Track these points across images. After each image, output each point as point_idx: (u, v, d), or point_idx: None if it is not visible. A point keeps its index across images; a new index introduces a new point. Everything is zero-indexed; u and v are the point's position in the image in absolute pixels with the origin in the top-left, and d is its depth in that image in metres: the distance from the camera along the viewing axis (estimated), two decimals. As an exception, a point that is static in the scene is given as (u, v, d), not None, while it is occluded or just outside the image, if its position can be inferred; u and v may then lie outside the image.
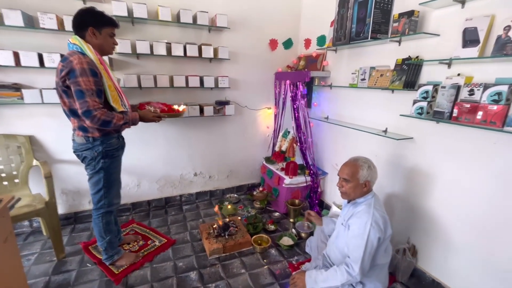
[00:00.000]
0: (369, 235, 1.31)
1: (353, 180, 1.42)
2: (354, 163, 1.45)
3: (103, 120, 1.41)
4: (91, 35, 1.47)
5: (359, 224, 1.35)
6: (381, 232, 1.33)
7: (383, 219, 1.36)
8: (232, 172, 3.01)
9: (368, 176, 1.41)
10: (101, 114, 1.41)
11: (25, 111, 2.04)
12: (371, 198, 1.43)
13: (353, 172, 1.42)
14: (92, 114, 1.39)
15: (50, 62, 1.90)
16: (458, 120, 1.40)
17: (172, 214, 2.60)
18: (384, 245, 1.41)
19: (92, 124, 1.43)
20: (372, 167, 1.44)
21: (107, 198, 1.67)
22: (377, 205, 1.42)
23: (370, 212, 1.36)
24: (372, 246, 1.32)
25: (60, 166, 2.25)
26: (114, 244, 1.81)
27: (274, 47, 2.81)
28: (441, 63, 1.52)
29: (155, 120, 1.73)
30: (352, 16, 1.94)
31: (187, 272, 1.83)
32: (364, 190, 1.43)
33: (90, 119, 1.40)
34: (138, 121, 1.64)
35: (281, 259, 1.99)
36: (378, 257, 1.41)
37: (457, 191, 1.55)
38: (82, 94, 1.37)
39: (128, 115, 1.57)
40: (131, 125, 1.60)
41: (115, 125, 1.48)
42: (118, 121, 1.48)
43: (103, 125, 1.44)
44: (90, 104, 1.38)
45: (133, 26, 2.21)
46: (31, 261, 1.88)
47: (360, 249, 1.31)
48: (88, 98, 1.38)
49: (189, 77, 2.36)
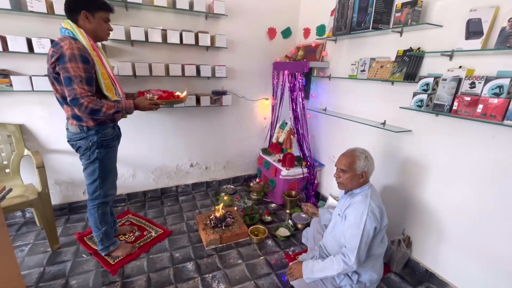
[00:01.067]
0: (366, 225, 1.32)
1: (350, 171, 1.43)
2: (351, 154, 1.46)
3: (91, 108, 1.34)
4: (84, 19, 1.40)
5: (356, 214, 1.37)
6: (377, 222, 1.35)
7: (380, 209, 1.38)
8: (229, 163, 2.99)
9: (365, 167, 1.42)
10: (89, 102, 1.33)
11: (15, 98, 1.97)
12: (368, 189, 1.45)
13: (350, 162, 1.43)
14: (79, 102, 1.32)
15: (39, 48, 1.82)
16: (458, 113, 1.40)
17: (168, 205, 2.59)
18: (380, 235, 1.43)
19: (80, 113, 1.38)
20: (369, 158, 1.44)
21: (102, 189, 1.64)
22: (374, 195, 1.43)
23: (366, 203, 1.37)
24: (368, 236, 1.34)
25: (52, 156, 2.19)
26: (110, 235, 1.80)
27: (272, 36, 2.75)
28: (442, 55, 1.50)
29: (152, 108, 1.61)
30: (354, 5, 1.90)
31: (183, 263, 1.83)
32: (361, 180, 1.44)
33: (77, 107, 1.34)
34: (133, 110, 1.54)
35: (277, 249, 2.01)
36: (374, 247, 1.43)
37: (453, 183, 1.56)
38: (70, 81, 1.31)
39: (121, 104, 1.49)
40: (125, 113, 1.52)
41: (105, 114, 1.40)
42: (108, 109, 1.40)
43: (91, 114, 1.37)
44: (78, 92, 1.31)
45: (127, 11, 2.12)
46: (25, 252, 1.85)
47: (356, 239, 1.33)
48: (76, 85, 1.31)
49: (185, 66, 2.30)
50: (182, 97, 1.82)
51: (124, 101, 1.53)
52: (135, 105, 1.55)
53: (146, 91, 1.74)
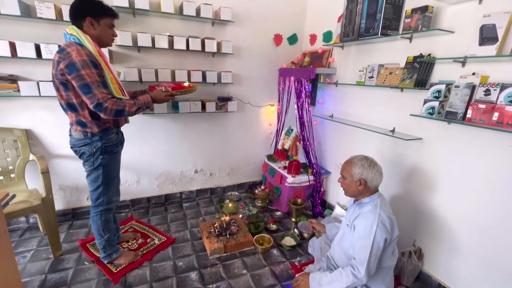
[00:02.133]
0: (375, 236, 1.28)
1: (348, 177, 1.43)
2: (350, 160, 1.46)
3: (115, 110, 1.36)
4: (89, 26, 1.40)
5: (365, 225, 1.32)
6: (388, 233, 1.30)
7: (390, 220, 1.33)
8: (233, 169, 2.96)
9: (361, 174, 1.38)
10: (112, 104, 1.35)
11: (22, 103, 1.98)
12: (377, 199, 1.40)
13: (347, 169, 1.44)
14: (103, 107, 1.33)
15: (47, 53, 1.83)
16: (472, 121, 1.35)
17: (172, 211, 2.55)
18: (391, 246, 1.37)
19: (106, 116, 1.38)
20: (368, 167, 1.39)
21: (106, 196, 1.62)
22: (384, 205, 1.38)
23: (376, 213, 1.32)
24: (379, 247, 1.29)
25: (57, 161, 2.19)
26: (112, 242, 1.77)
27: (278, 42, 2.74)
28: (455, 61, 1.46)
29: (168, 99, 1.64)
30: (362, 11, 1.87)
31: (187, 272, 1.79)
32: (359, 188, 1.40)
33: (103, 112, 1.35)
34: (152, 104, 1.56)
35: (283, 259, 1.95)
36: (385, 260, 1.38)
37: (467, 194, 1.50)
38: (89, 87, 1.31)
39: (139, 100, 1.49)
40: (145, 109, 1.52)
41: (128, 113, 1.42)
42: (130, 107, 1.43)
43: (117, 115, 1.39)
44: (100, 97, 1.32)
45: (134, 17, 2.13)
46: (27, 258, 1.83)
47: (366, 250, 1.28)
48: (96, 91, 1.32)
49: (192, 72, 2.30)
50: (192, 86, 1.83)
51: (141, 96, 1.53)
52: (152, 98, 1.56)
53: (157, 85, 1.75)
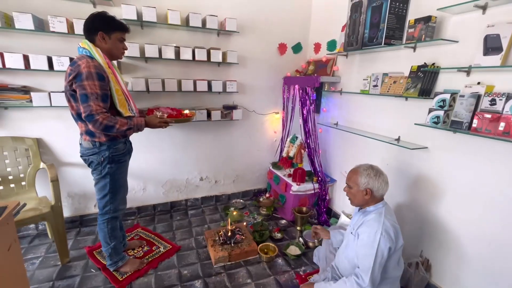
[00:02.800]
0: (379, 244, 1.27)
1: (354, 186, 1.43)
2: (355, 170, 1.46)
3: (105, 124, 1.39)
4: (100, 40, 1.46)
5: (369, 233, 1.31)
6: (392, 242, 1.29)
7: (394, 229, 1.32)
8: (238, 177, 2.97)
9: (367, 184, 1.38)
10: (103, 118, 1.38)
11: (34, 114, 2.04)
12: (382, 207, 1.40)
13: (354, 178, 1.43)
14: (94, 118, 1.37)
15: (59, 66, 1.90)
16: (478, 131, 1.34)
17: (178, 219, 2.57)
18: (396, 256, 1.36)
19: (95, 129, 1.41)
20: (374, 176, 1.38)
21: (113, 204, 1.65)
22: (388, 214, 1.37)
23: (380, 221, 1.32)
24: (383, 256, 1.28)
25: (67, 169, 2.24)
26: (119, 250, 1.79)
27: (283, 51, 2.78)
28: (459, 71, 1.46)
29: (161, 126, 1.67)
30: (365, 21, 1.89)
31: (191, 281, 1.79)
32: (366, 197, 1.39)
33: (92, 123, 1.38)
34: (144, 127, 1.59)
35: (288, 269, 1.94)
36: (390, 270, 1.36)
37: (474, 205, 1.48)
38: (87, 98, 1.36)
39: (133, 121, 1.53)
40: (136, 131, 1.56)
41: (118, 130, 1.45)
42: (121, 126, 1.45)
43: (105, 130, 1.42)
44: (93, 108, 1.36)
45: (142, 29, 2.20)
46: (36, 265, 1.87)
47: (370, 259, 1.27)
48: (92, 102, 1.36)
49: (197, 81, 2.34)
50: (190, 115, 1.87)
51: (136, 118, 1.57)
52: (146, 122, 1.60)
53: (155, 109, 1.79)
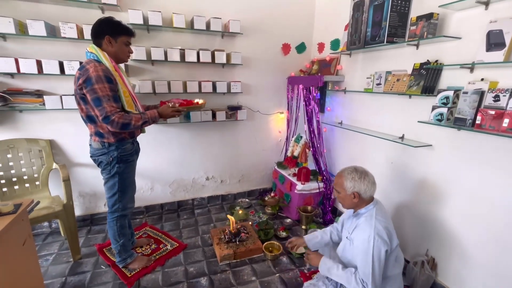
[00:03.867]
0: (374, 250, 1.27)
1: (341, 191, 1.42)
2: (340, 174, 1.45)
3: (122, 123, 1.45)
4: (107, 43, 1.52)
5: (363, 239, 1.31)
6: (387, 244, 1.28)
7: (387, 230, 1.31)
8: (244, 176, 3.01)
9: (353, 188, 1.37)
10: (119, 117, 1.44)
11: (46, 116, 2.13)
12: (372, 208, 1.39)
13: (340, 183, 1.43)
14: (110, 119, 1.43)
15: (70, 70, 1.97)
16: (482, 128, 1.33)
17: (184, 218, 2.62)
18: (392, 255, 1.35)
19: (113, 129, 1.47)
20: (358, 179, 1.37)
21: (121, 202, 1.71)
22: (379, 215, 1.36)
23: (372, 225, 1.31)
24: (380, 260, 1.28)
25: (78, 169, 2.32)
26: (127, 247, 1.84)
27: (287, 51, 2.80)
28: (462, 67, 1.45)
29: (174, 115, 1.71)
30: (367, 20, 1.89)
31: (197, 278, 1.83)
32: (354, 201, 1.39)
33: (110, 124, 1.44)
34: (158, 118, 1.64)
35: (292, 267, 1.95)
36: (389, 269, 1.36)
37: (479, 202, 1.46)
38: (99, 101, 1.42)
39: (147, 114, 1.59)
40: (151, 123, 1.61)
41: (134, 126, 1.51)
42: (136, 121, 1.52)
43: (123, 128, 1.48)
44: (108, 110, 1.42)
45: (148, 33, 2.26)
46: (49, 262, 1.94)
47: (368, 265, 1.28)
48: (106, 104, 1.42)
49: (202, 83, 2.39)
50: (201, 103, 1.90)
51: (149, 111, 1.62)
52: (159, 113, 1.64)
53: (167, 101, 1.83)
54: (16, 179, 2.03)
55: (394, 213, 2.01)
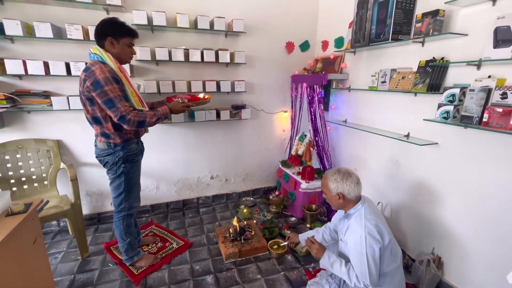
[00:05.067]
0: (367, 250, 1.28)
1: (327, 192, 1.44)
2: (325, 175, 1.47)
3: (137, 121, 1.48)
4: (109, 45, 1.53)
5: (355, 240, 1.32)
6: (379, 242, 1.29)
7: (377, 228, 1.32)
8: (248, 175, 3.02)
9: (337, 189, 1.38)
10: (134, 116, 1.47)
11: (54, 117, 2.17)
12: (361, 208, 1.40)
13: (325, 184, 1.45)
14: (126, 119, 1.45)
15: (76, 71, 2.00)
16: (489, 126, 1.31)
17: (190, 216, 2.65)
18: (387, 251, 1.35)
19: (129, 127, 1.50)
20: (341, 180, 1.38)
21: (127, 202, 1.73)
22: (368, 213, 1.37)
23: (362, 225, 1.32)
24: (374, 258, 1.29)
25: (85, 169, 2.36)
26: (134, 245, 1.87)
27: (290, 49, 2.79)
28: (469, 64, 1.43)
29: (184, 110, 1.75)
30: (372, 17, 1.88)
31: (203, 276, 1.85)
32: (340, 201, 1.40)
33: (126, 123, 1.47)
34: (170, 114, 1.67)
35: (297, 265, 1.96)
36: (385, 265, 1.36)
37: (486, 200, 1.45)
38: (112, 102, 1.43)
39: (158, 111, 1.61)
40: (164, 119, 1.64)
41: (149, 123, 1.54)
42: (151, 118, 1.54)
43: (139, 126, 1.51)
44: (122, 110, 1.44)
45: (152, 33, 2.27)
46: (58, 259, 1.98)
47: (364, 265, 1.29)
48: (119, 105, 1.44)
49: (206, 82, 2.40)
50: (208, 97, 1.94)
51: (160, 107, 1.65)
52: (170, 109, 1.68)
53: (173, 96, 1.87)
54: (25, 179, 2.07)
55: (399, 211, 2.00)
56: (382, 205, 2.12)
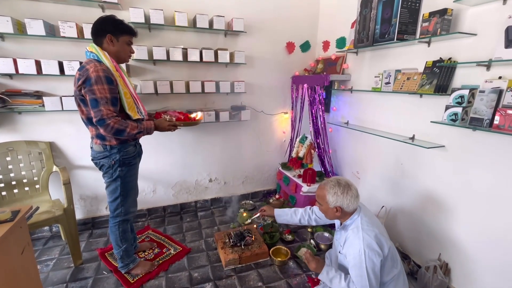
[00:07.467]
0: (367, 263, 1.24)
1: (323, 204, 1.38)
2: (322, 187, 1.39)
3: (116, 128, 1.40)
4: (108, 42, 1.46)
5: (354, 254, 1.28)
6: (379, 254, 1.25)
7: (376, 239, 1.27)
8: (247, 178, 2.95)
9: (336, 202, 1.33)
10: (115, 122, 1.39)
11: (46, 118, 2.08)
12: (357, 218, 1.35)
13: (322, 195, 1.39)
14: (105, 123, 1.37)
15: (69, 70, 1.92)
16: (500, 128, 1.27)
17: (187, 220, 2.57)
18: (387, 259, 1.31)
19: (106, 133, 1.42)
20: (341, 194, 1.32)
21: (124, 207, 1.65)
22: (365, 223, 1.32)
23: (360, 237, 1.28)
24: (374, 271, 1.25)
25: (78, 172, 2.27)
26: (130, 252, 1.79)
27: (291, 50, 2.74)
28: (478, 65, 1.39)
29: (170, 129, 1.67)
30: (376, 17, 1.83)
31: (202, 284, 1.78)
32: (337, 214, 1.35)
33: (103, 128, 1.39)
34: (153, 130, 1.60)
35: (299, 272, 1.90)
36: (387, 273, 1.32)
37: (495, 205, 1.40)
38: (97, 102, 1.36)
39: (143, 124, 1.54)
40: (146, 134, 1.57)
41: (128, 134, 1.46)
42: (132, 130, 1.46)
43: (116, 134, 1.42)
44: (104, 113, 1.37)
45: (150, 32, 2.20)
46: (50, 267, 1.89)
47: (364, 279, 1.25)
48: (102, 107, 1.36)
49: (205, 83, 2.33)
50: (197, 119, 1.87)
51: (145, 121, 1.57)
52: (155, 125, 1.60)
53: (163, 112, 1.81)
54: (15, 183, 1.98)
55: (403, 216, 1.95)
56: (386, 209, 2.07)
